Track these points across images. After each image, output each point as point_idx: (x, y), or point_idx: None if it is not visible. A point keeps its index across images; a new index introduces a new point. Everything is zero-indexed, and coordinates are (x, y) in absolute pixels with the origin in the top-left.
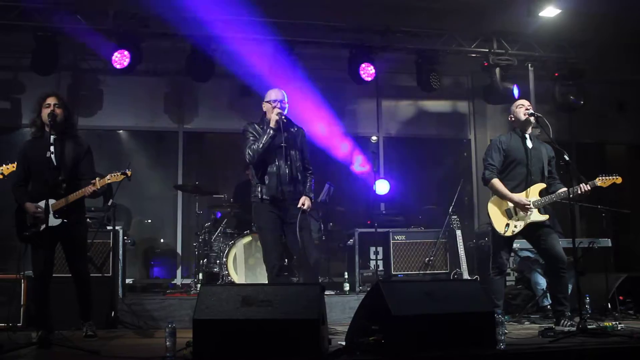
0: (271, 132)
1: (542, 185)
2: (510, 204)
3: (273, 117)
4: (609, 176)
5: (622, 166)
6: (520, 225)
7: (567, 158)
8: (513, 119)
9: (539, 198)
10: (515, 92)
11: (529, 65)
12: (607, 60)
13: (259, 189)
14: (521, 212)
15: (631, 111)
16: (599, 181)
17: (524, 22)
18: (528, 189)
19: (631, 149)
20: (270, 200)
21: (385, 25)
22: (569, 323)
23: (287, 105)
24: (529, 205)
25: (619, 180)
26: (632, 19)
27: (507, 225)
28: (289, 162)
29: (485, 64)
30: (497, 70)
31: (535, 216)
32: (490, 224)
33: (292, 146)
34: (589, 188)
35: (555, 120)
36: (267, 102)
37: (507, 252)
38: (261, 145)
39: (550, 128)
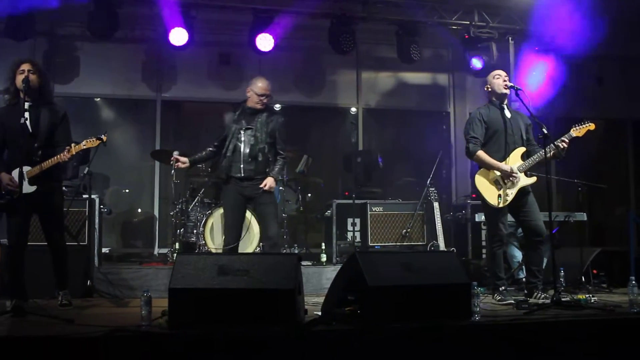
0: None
1: (523, 149)
2: (498, 174)
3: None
4: (582, 124)
5: (599, 141)
6: (511, 192)
7: (545, 131)
8: (490, 89)
9: (522, 162)
10: (476, 64)
11: (510, 38)
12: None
13: (224, 165)
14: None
15: (610, 86)
16: (574, 131)
17: None
18: (509, 157)
19: (609, 123)
20: (234, 178)
21: None
22: (542, 295)
23: (270, 97)
24: (515, 174)
25: (592, 126)
26: None
27: (499, 196)
28: (251, 143)
29: (466, 37)
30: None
31: (524, 180)
32: (481, 199)
33: (259, 129)
34: (567, 140)
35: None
36: (254, 92)
37: (504, 221)
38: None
39: (530, 101)
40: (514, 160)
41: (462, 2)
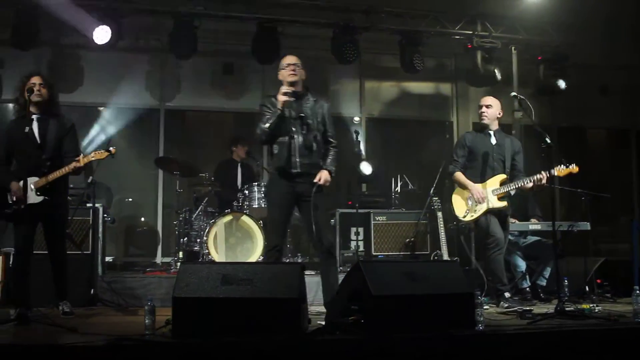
0: (279, 113)
1: (503, 176)
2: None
3: (280, 98)
4: (566, 165)
5: (602, 151)
6: (480, 210)
7: (548, 141)
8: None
9: (499, 187)
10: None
11: (513, 48)
12: (590, 44)
13: (273, 159)
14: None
15: (613, 95)
16: (556, 170)
17: (508, 4)
18: (486, 182)
19: (612, 133)
20: (282, 173)
21: (369, 5)
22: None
23: (302, 70)
24: (483, 199)
25: (575, 169)
26: (615, 2)
27: (467, 211)
28: (304, 132)
29: (469, 46)
30: (479, 52)
31: (494, 202)
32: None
33: (310, 116)
34: (546, 177)
35: (537, 103)
36: (281, 69)
37: (494, 226)
38: (267, 127)
39: (532, 111)
40: (491, 185)
41: (464, 12)
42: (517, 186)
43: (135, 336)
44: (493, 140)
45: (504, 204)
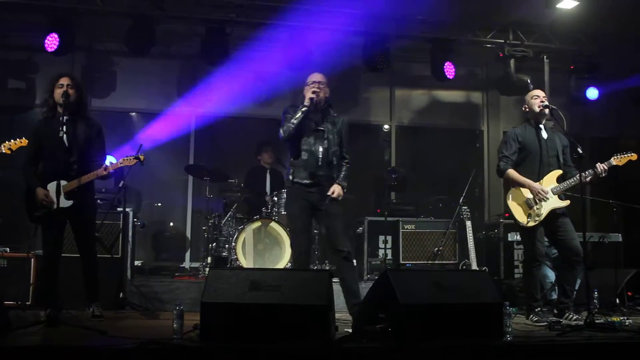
0: (304, 109)
1: (559, 172)
2: (529, 195)
3: (307, 95)
4: (624, 154)
5: (636, 161)
6: (542, 213)
7: (580, 151)
8: (527, 109)
9: (557, 184)
10: (592, 94)
11: (545, 57)
12: (623, 53)
13: (291, 172)
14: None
15: None
16: (615, 160)
17: (541, 13)
18: (543, 179)
19: None
20: (302, 184)
21: (400, 13)
22: (574, 317)
23: (326, 89)
24: (545, 193)
25: (634, 157)
26: None
27: (529, 215)
28: (324, 146)
29: (501, 55)
30: (512, 61)
31: (556, 202)
32: (513, 219)
33: (331, 130)
34: (606, 167)
35: (570, 113)
36: (306, 84)
37: (542, 240)
38: (292, 123)
39: (564, 121)
40: (549, 183)
41: (496, 21)
42: (576, 182)
43: (164, 340)
44: (544, 134)
45: (566, 202)
